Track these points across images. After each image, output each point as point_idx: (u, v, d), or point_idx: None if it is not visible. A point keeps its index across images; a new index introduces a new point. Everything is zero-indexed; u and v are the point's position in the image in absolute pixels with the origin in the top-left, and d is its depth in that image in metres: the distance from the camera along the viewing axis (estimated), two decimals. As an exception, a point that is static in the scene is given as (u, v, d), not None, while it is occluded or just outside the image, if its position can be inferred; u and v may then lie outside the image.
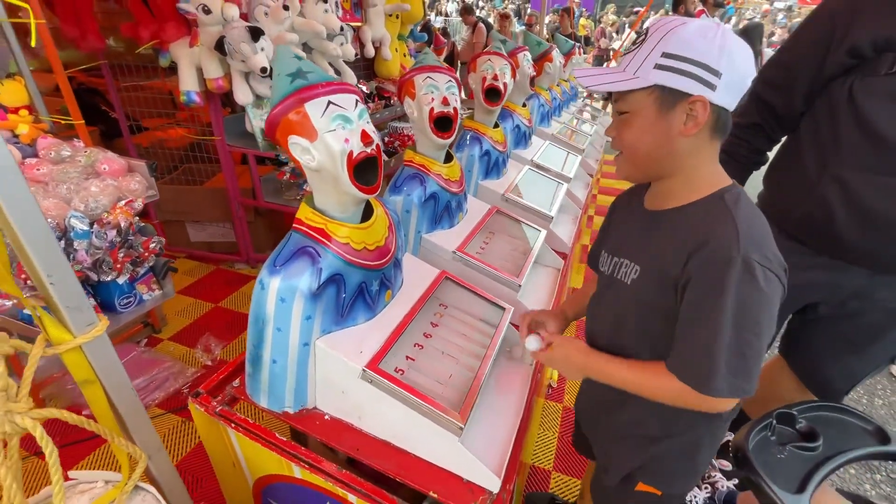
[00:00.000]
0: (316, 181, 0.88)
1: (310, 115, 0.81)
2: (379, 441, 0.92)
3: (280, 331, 0.85)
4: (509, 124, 2.15)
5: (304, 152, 0.83)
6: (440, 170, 1.36)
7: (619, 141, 0.76)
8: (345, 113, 0.84)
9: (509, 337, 1.21)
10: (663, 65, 0.67)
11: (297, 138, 0.82)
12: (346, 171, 0.84)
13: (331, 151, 0.82)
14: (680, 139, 0.70)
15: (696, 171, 0.74)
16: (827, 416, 1.01)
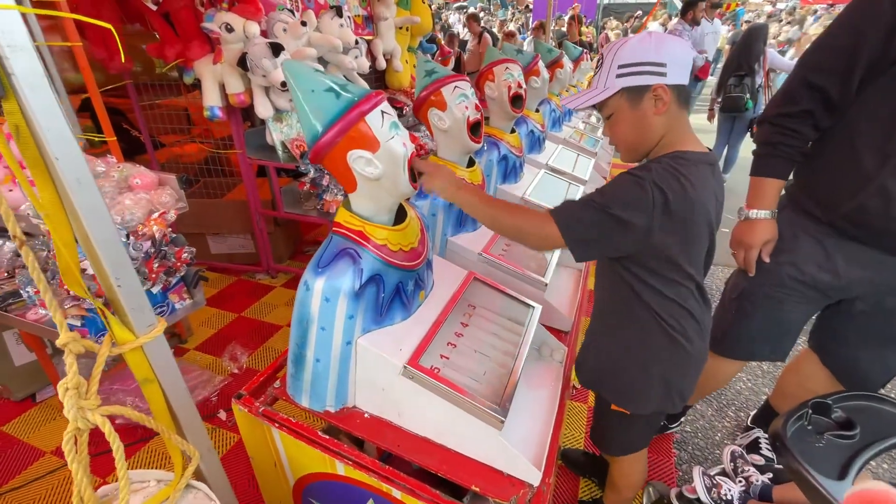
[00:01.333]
0: (370, 189, 0.90)
1: (372, 127, 0.84)
2: (419, 437, 0.94)
3: (324, 330, 0.88)
4: (524, 129, 2.18)
5: (367, 164, 0.86)
6: (463, 174, 1.39)
7: (613, 138, 0.96)
8: (396, 120, 0.88)
9: (537, 335, 1.23)
10: (622, 73, 0.87)
11: (361, 152, 0.84)
12: (406, 173, 0.89)
13: (395, 158, 0.86)
14: (655, 119, 0.88)
15: (671, 135, 0.90)
16: (862, 405, 1.01)
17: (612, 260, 0.94)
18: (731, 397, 1.87)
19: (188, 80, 2.15)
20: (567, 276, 1.61)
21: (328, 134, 0.83)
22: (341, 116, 0.83)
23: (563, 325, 1.34)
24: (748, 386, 1.94)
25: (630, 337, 0.99)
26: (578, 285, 1.56)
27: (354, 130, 0.84)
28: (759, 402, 1.84)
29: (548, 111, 2.66)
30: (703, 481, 1.18)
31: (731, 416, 1.77)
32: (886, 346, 1.19)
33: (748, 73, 3.66)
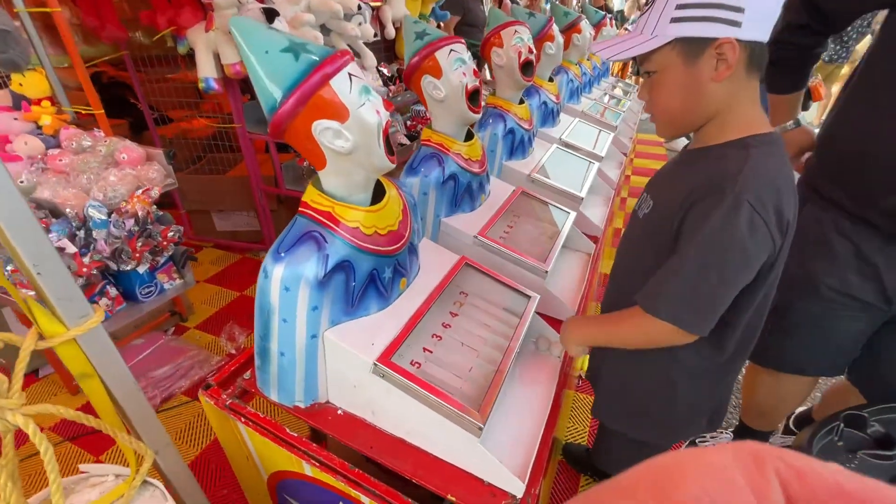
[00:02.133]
0: (340, 164, 0.80)
1: (338, 93, 0.74)
2: (395, 438, 0.86)
3: (286, 322, 0.79)
4: (535, 101, 2.03)
5: (336, 137, 0.75)
6: (460, 148, 1.27)
7: (652, 103, 0.75)
8: (366, 84, 0.77)
9: (535, 327, 1.13)
10: (679, 17, 0.65)
11: (327, 122, 0.74)
12: (382, 146, 0.79)
13: (367, 128, 0.76)
14: (712, 86, 0.67)
15: (730, 112, 0.70)
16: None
17: (659, 254, 0.77)
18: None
19: (182, 50, 2.06)
20: (573, 261, 1.49)
21: (288, 102, 0.72)
22: (302, 81, 0.72)
23: (565, 316, 1.22)
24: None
25: (646, 356, 0.85)
26: (586, 270, 1.44)
27: (318, 97, 0.73)
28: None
29: (564, 81, 2.47)
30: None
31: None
32: None
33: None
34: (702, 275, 0.67)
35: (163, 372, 1.69)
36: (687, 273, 0.68)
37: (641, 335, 0.79)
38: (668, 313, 0.71)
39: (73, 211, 1.27)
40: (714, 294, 0.68)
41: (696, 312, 0.70)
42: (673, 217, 0.73)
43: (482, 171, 1.36)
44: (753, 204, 0.63)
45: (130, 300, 1.43)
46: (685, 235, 0.70)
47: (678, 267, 0.70)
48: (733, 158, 0.68)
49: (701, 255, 0.67)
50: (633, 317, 0.78)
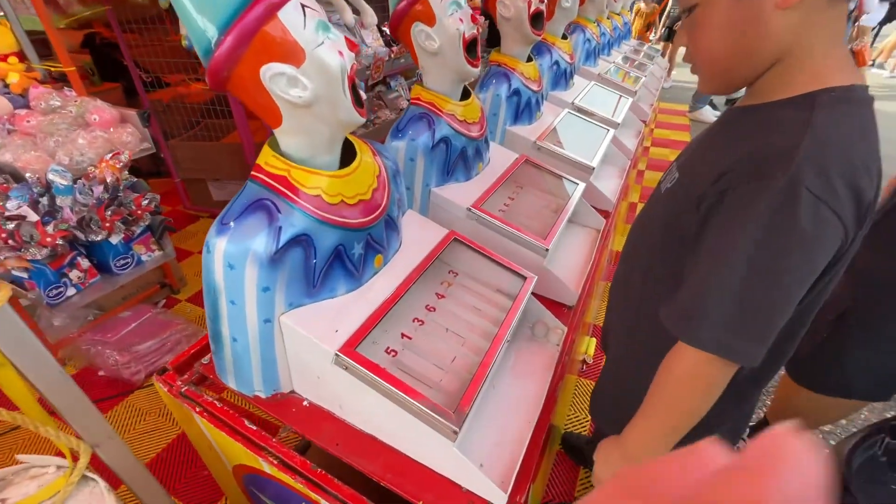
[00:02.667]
0: (299, 121, 0.68)
1: (290, 29, 0.60)
2: (364, 435, 0.77)
3: (234, 304, 0.69)
4: (546, 60, 1.84)
5: (290, 84, 0.62)
6: (454, 109, 1.13)
7: (693, 48, 0.58)
8: (323, 18, 0.64)
9: (533, 311, 1.01)
10: None
11: (278, 66, 0.61)
12: (348, 94, 0.66)
13: (328, 72, 0.63)
14: (775, 17, 0.49)
15: (799, 56, 0.52)
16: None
17: (678, 240, 0.62)
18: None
19: (163, 4, 1.90)
20: (581, 237, 1.35)
21: (225, 42, 0.59)
22: (242, 13, 0.59)
23: (567, 299, 1.10)
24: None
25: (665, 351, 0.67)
26: (593, 248, 1.30)
27: (264, 35, 0.60)
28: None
29: (580, 40, 2.26)
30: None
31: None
32: None
33: None
34: (752, 287, 0.51)
35: (148, 346, 1.63)
36: (731, 287, 0.51)
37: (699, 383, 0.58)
38: (717, 344, 0.53)
39: (34, 176, 1.17)
40: (771, 311, 0.52)
41: (749, 336, 0.52)
42: (700, 197, 0.57)
43: (480, 136, 1.21)
44: (817, 192, 0.47)
45: (105, 272, 1.35)
46: (722, 231, 0.54)
47: (714, 278, 0.53)
48: (790, 125, 0.50)
49: (749, 263, 0.50)
50: (676, 369, 0.60)
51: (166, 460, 1.39)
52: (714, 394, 0.59)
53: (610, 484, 0.17)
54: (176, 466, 1.38)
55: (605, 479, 0.74)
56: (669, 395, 0.62)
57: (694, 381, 0.59)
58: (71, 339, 1.65)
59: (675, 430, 0.63)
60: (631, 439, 0.69)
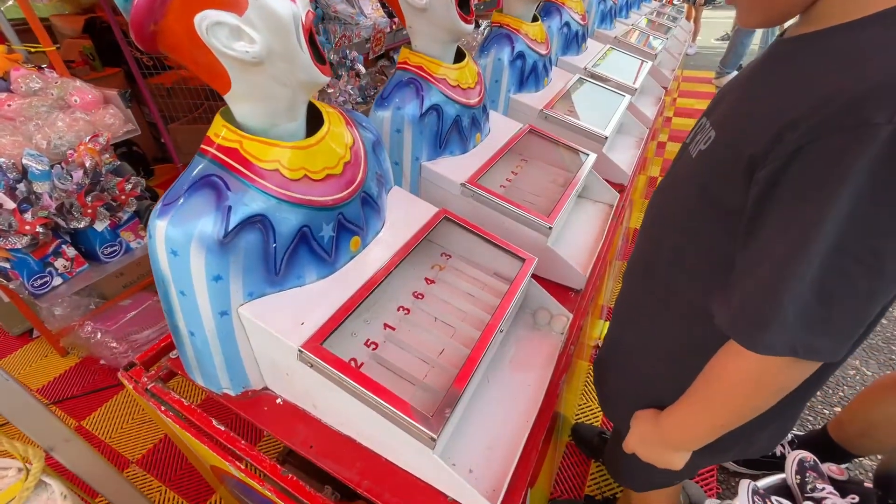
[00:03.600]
0: (251, 84, 0.58)
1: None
2: (341, 436, 0.69)
3: (185, 295, 0.61)
4: (556, 21, 1.69)
5: (233, 36, 0.53)
6: (446, 73, 1.01)
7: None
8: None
9: (533, 297, 0.91)
10: None
11: (216, 14, 0.51)
12: (305, 48, 0.57)
13: (279, 21, 0.54)
14: None
15: None
16: None
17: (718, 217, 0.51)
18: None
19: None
20: (592, 214, 1.24)
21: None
22: None
23: (574, 283, 1.00)
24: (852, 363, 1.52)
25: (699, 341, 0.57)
26: (605, 226, 1.18)
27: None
28: (844, 379, 1.43)
29: (594, 1, 2.08)
30: (753, 502, 0.86)
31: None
32: None
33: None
34: (843, 267, 0.39)
35: (146, 335, 1.61)
36: (812, 276, 0.40)
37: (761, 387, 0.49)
38: (787, 345, 0.43)
39: (9, 161, 1.12)
40: (866, 301, 0.41)
41: (832, 334, 0.42)
42: (752, 160, 0.44)
43: (477, 103, 1.09)
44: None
45: (92, 260, 1.31)
46: (794, 202, 0.41)
47: (794, 265, 0.40)
48: (876, 50, 0.38)
49: (841, 236, 0.38)
50: (732, 366, 0.50)
51: (163, 450, 1.36)
52: (781, 396, 0.49)
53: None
54: (174, 456, 1.36)
55: (639, 454, 0.68)
56: (724, 394, 0.53)
57: (758, 386, 0.49)
58: (71, 327, 1.64)
59: (724, 428, 0.56)
60: (670, 426, 0.62)
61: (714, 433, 0.56)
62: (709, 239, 0.53)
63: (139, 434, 1.41)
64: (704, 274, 0.54)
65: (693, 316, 0.58)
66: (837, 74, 0.39)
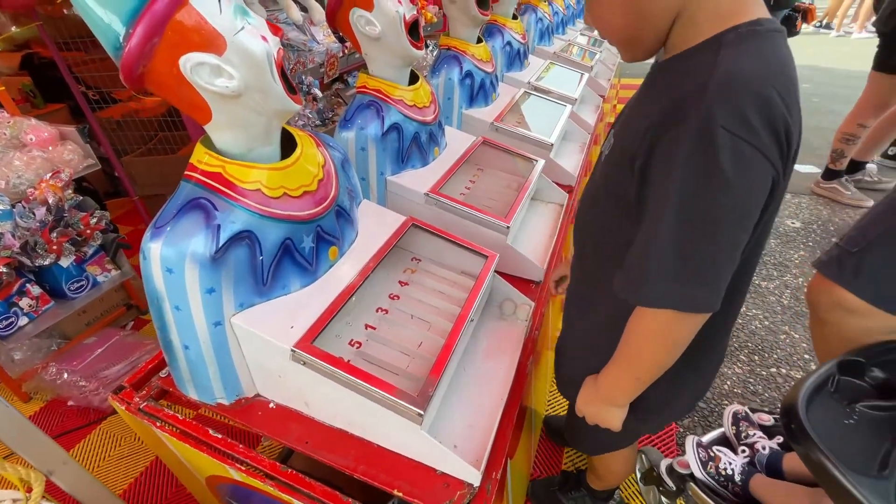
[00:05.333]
0: (229, 114, 0.65)
1: (205, 15, 0.58)
2: (334, 430, 0.75)
3: (179, 310, 0.66)
4: (498, 42, 1.83)
5: (214, 73, 0.60)
6: (403, 94, 1.11)
7: (598, 25, 0.59)
8: (239, 3, 0.61)
9: (499, 290, 1.00)
10: None
11: (199, 55, 0.58)
12: (278, 81, 0.64)
13: (254, 60, 0.61)
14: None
15: (698, 2, 0.52)
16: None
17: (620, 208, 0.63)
18: (744, 339, 1.65)
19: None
20: (545, 213, 1.36)
21: (135, 35, 0.56)
22: (149, 2, 0.56)
23: (534, 275, 1.10)
24: (765, 325, 1.71)
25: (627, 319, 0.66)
26: (557, 223, 1.30)
27: (176, 24, 0.57)
28: (776, 345, 1.61)
29: (532, 20, 2.26)
30: (698, 454, 0.98)
31: (744, 361, 1.56)
32: None
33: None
34: (687, 238, 0.51)
35: (117, 370, 1.58)
36: (665, 242, 0.52)
37: (660, 339, 0.60)
38: (670, 298, 0.54)
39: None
40: (715, 258, 0.52)
41: (700, 283, 0.53)
42: (634, 157, 0.56)
43: (433, 120, 1.19)
44: (733, 129, 0.46)
45: (58, 297, 1.29)
46: (654, 187, 0.54)
47: (655, 233, 0.53)
48: (699, 68, 0.50)
49: (678, 215, 0.50)
50: (638, 326, 0.61)
51: (145, 483, 1.34)
52: (679, 347, 0.60)
53: None
54: (158, 488, 1.34)
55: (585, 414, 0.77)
56: (637, 350, 0.64)
57: (658, 339, 0.60)
58: (34, 371, 1.59)
59: (643, 381, 0.66)
60: (604, 385, 0.72)
61: (637, 386, 0.67)
62: (617, 228, 0.65)
63: (117, 471, 1.38)
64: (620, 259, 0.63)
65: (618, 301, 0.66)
66: (674, 88, 0.52)
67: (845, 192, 2.43)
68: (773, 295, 1.84)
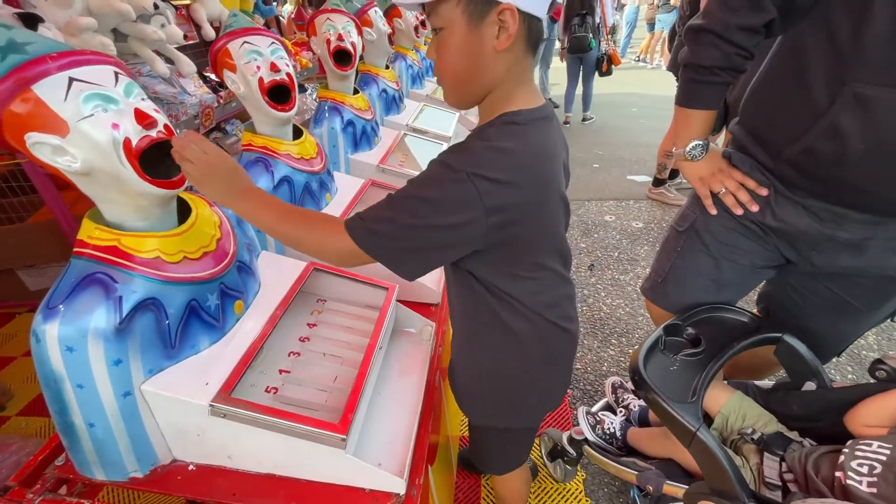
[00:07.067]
0: (92, 189, 0.68)
1: (46, 102, 0.60)
2: (261, 476, 0.78)
3: (83, 387, 0.66)
4: (374, 90, 1.99)
5: (57, 153, 0.63)
6: (289, 149, 1.19)
7: (439, 64, 0.68)
8: (102, 91, 0.64)
9: (402, 318, 1.11)
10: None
11: (40, 135, 0.61)
12: (129, 166, 0.66)
13: (95, 144, 0.63)
14: (493, 56, 0.62)
15: (508, 86, 0.66)
16: (709, 317, 1.05)
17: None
18: (612, 326, 1.97)
19: None
20: (436, 243, 1.51)
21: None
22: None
23: (432, 298, 1.23)
24: (627, 311, 2.06)
25: (492, 345, 0.79)
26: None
27: (20, 103, 0.60)
28: (636, 326, 1.96)
29: (403, 67, 2.48)
30: (587, 420, 1.19)
31: (615, 344, 1.86)
32: (843, 314, 1.01)
33: (589, 12, 3.78)
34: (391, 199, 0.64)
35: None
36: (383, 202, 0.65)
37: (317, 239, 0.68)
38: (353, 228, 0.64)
39: None
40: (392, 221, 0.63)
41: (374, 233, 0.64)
42: None
43: (321, 169, 1.28)
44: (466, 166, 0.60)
45: None
46: None
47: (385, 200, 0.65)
48: (476, 133, 0.66)
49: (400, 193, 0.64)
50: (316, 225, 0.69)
51: None
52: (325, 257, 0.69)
53: None
54: None
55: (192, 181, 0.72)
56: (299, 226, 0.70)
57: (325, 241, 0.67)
58: None
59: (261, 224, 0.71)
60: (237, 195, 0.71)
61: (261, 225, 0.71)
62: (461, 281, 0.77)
63: None
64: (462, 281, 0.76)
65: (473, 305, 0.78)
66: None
67: (669, 195, 3.03)
68: (629, 286, 2.22)
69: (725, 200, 0.96)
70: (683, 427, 0.79)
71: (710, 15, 0.85)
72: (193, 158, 0.67)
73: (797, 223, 0.90)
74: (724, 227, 1.00)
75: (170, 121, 0.74)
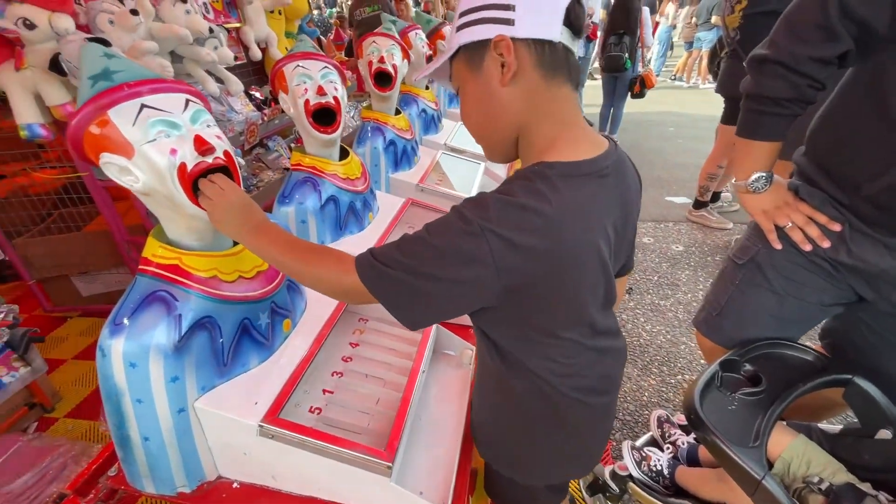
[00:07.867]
0: (153, 207, 0.71)
1: (117, 126, 0.64)
2: (303, 499, 0.77)
3: (141, 402, 0.67)
4: (414, 109, 2.02)
5: (122, 173, 0.66)
6: (335, 169, 1.21)
7: (464, 122, 0.67)
8: (167, 118, 0.67)
9: (442, 339, 1.10)
10: (460, 24, 0.60)
11: (110, 156, 0.65)
12: (181, 190, 0.68)
13: (154, 167, 0.66)
14: (504, 92, 0.59)
15: (529, 132, 0.61)
16: (769, 353, 0.99)
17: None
18: (652, 353, 1.89)
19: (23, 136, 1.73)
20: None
21: (70, 125, 0.64)
22: (82, 106, 0.64)
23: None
24: (668, 339, 1.98)
25: (506, 401, 0.74)
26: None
27: (96, 126, 0.64)
28: (678, 354, 1.88)
29: (441, 88, 2.51)
30: (633, 456, 1.14)
31: (655, 373, 1.79)
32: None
33: (627, 32, 3.75)
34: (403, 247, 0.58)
35: (24, 481, 1.39)
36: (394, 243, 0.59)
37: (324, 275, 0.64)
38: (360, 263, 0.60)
39: None
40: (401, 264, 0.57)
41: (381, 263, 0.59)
42: None
43: (365, 189, 1.30)
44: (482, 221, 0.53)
45: (-44, 407, 1.14)
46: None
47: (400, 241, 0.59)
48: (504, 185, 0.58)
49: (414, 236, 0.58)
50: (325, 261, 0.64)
51: None
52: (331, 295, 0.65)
53: None
54: None
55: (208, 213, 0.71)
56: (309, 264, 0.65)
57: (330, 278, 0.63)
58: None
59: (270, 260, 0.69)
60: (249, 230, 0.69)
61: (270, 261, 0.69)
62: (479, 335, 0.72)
63: None
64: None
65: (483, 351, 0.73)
66: None
67: (711, 218, 2.93)
68: (669, 311, 2.14)
69: (793, 236, 0.91)
70: (747, 474, 0.74)
71: (776, 45, 0.82)
72: (212, 195, 0.69)
73: (878, 262, 0.84)
74: (789, 262, 0.94)
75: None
